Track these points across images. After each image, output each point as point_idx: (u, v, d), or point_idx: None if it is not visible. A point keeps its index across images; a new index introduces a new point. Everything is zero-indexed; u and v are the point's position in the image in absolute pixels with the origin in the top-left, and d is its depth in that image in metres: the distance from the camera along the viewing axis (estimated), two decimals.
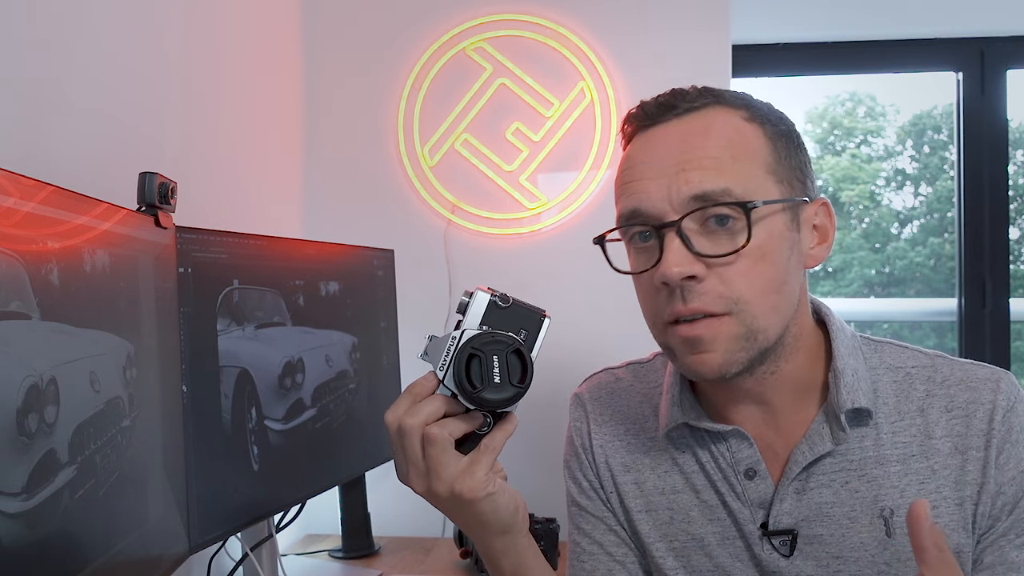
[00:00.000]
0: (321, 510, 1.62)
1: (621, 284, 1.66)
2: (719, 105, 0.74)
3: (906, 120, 2.61)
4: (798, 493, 0.76)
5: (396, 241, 1.65)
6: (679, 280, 0.69)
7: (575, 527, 0.90)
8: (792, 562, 0.76)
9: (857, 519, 0.75)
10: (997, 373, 0.77)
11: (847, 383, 0.75)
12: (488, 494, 0.66)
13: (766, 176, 0.72)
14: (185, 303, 0.98)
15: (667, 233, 0.70)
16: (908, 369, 0.79)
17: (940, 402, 0.76)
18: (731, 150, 0.71)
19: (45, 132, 0.95)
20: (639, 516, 0.84)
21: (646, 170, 0.73)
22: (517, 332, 0.67)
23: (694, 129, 0.72)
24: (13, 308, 0.61)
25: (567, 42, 1.69)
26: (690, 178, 0.70)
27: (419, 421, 0.65)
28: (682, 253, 0.69)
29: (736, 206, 0.69)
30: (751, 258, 0.70)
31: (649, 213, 0.72)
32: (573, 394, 0.93)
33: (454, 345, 0.65)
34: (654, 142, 0.74)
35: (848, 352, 0.77)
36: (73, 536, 0.69)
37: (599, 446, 0.88)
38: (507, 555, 0.73)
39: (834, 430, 0.75)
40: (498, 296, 0.68)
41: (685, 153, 0.71)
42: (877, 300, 2.63)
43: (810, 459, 0.75)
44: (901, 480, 0.75)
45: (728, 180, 0.70)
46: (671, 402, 0.82)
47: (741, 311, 0.70)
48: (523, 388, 0.65)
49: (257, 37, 1.57)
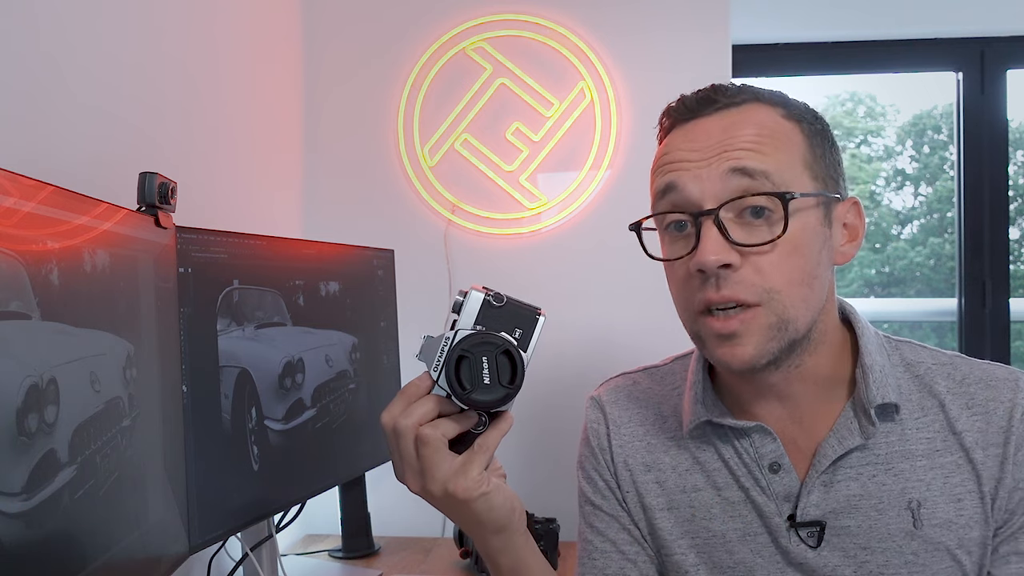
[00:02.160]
0: (321, 510, 1.62)
1: (621, 284, 1.67)
2: (758, 102, 0.76)
3: (906, 120, 2.60)
4: (825, 486, 0.78)
5: (396, 241, 1.65)
6: (715, 268, 0.70)
7: (588, 526, 0.90)
8: (819, 553, 0.77)
9: (885, 511, 0.76)
10: (1015, 373, 0.79)
11: (876, 379, 0.77)
12: (482, 493, 0.67)
13: (803, 170, 0.74)
14: (185, 303, 0.98)
15: (704, 221, 0.72)
16: (928, 365, 0.81)
17: (960, 400, 0.78)
18: (772, 141, 0.73)
19: (45, 132, 0.95)
20: (660, 515, 0.85)
21: (686, 155, 0.74)
22: (512, 331, 0.67)
23: (735, 121, 0.74)
24: (13, 308, 0.61)
25: (567, 42, 1.69)
26: (731, 156, 0.72)
27: (413, 422, 0.66)
28: (719, 241, 0.71)
29: (774, 196, 0.71)
30: (785, 249, 0.72)
31: (687, 198, 0.73)
32: (589, 396, 0.94)
33: (447, 346, 0.65)
34: (695, 133, 0.75)
35: (875, 349, 0.79)
36: (73, 536, 0.69)
37: (618, 447, 0.88)
38: (504, 553, 0.73)
39: (863, 424, 0.77)
40: (492, 295, 0.67)
41: (726, 141, 0.73)
42: (877, 300, 2.62)
43: (840, 452, 0.77)
44: (927, 474, 0.76)
45: (768, 164, 0.72)
46: (694, 399, 0.83)
47: (772, 300, 0.72)
48: (513, 389, 0.64)
49: (258, 37, 1.57)
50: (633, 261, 1.80)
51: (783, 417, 0.80)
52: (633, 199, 1.66)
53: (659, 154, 0.78)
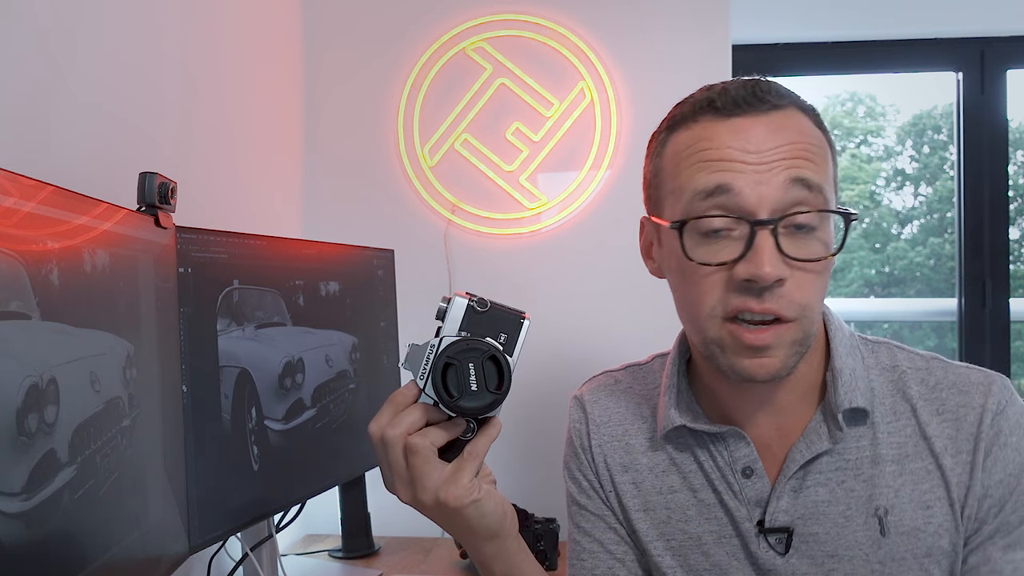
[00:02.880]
0: (321, 510, 1.62)
1: (621, 284, 1.67)
2: (797, 108, 0.73)
3: (906, 120, 2.61)
4: (795, 491, 0.77)
5: (396, 241, 1.65)
6: (770, 281, 0.68)
7: (575, 526, 0.90)
8: (787, 560, 0.76)
9: (852, 518, 0.75)
10: (990, 377, 0.77)
11: (844, 383, 0.76)
12: (473, 501, 0.66)
13: (832, 184, 0.73)
14: (185, 303, 0.98)
15: (760, 231, 0.68)
16: (904, 369, 0.79)
17: (932, 405, 0.77)
18: (819, 152, 0.72)
19: (45, 132, 0.95)
20: (637, 515, 0.84)
21: (739, 155, 0.70)
22: (496, 336, 0.66)
23: (783, 126, 0.71)
24: (13, 308, 0.61)
25: (567, 42, 1.69)
26: (791, 164, 0.69)
27: (401, 432, 0.65)
28: (776, 254, 0.68)
29: (841, 215, 0.71)
30: (825, 267, 0.72)
31: (741, 204, 0.69)
32: (573, 396, 0.94)
33: (432, 353, 0.65)
34: (746, 132, 0.70)
35: (846, 352, 0.78)
36: (73, 536, 0.69)
37: (598, 446, 0.88)
38: (497, 559, 0.73)
39: (831, 429, 0.76)
40: (476, 300, 0.67)
41: (782, 147, 0.70)
42: (877, 300, 2.63)
43: (807, 457, 0.76)
44: (896, 480, 0.75)
45: (821, 178, 0.71)
46: (668, 404, 0.82)
47: (804, 317, 0.71)
48: (500, 394, 0.64)
49: (258, 37, 1.57)
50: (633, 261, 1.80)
51: (762, 422, 0.79)
52: (633, 199, 1.65)
53: (694, 144, 0.72)
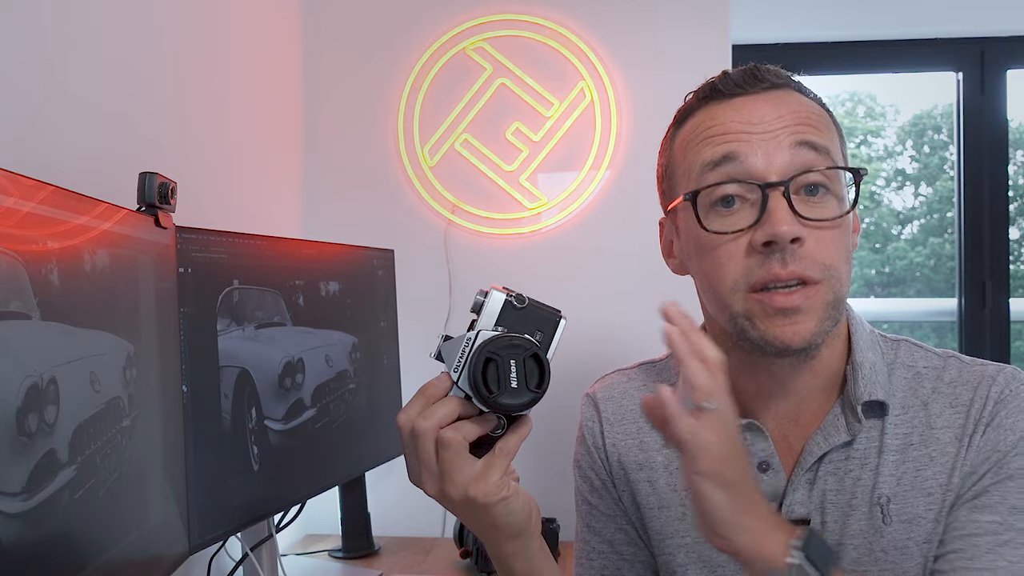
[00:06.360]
0: (321, 510, 1.62)
1: (622, 284, 1.67)
2: (795, 90, 0.77)
3: (906, 120, 2.60)
4: (810, 484, 0.77)
5: (396, 241, 1.65)
6: (788, 240, 0.69)
7: (585, 525, 0.90)
8: None
9: (856, 507, 0.76)
10: (1002, 368, 0.78)
11: (865, 375, 0.76)
12: (502, 498, 0.66)
13: (839, 151, 0.76)
14: (185, 303, 0.98)
15: (772, 193, 0.71)
16: (920, 368, 0.80)
17: (944, 399, 0.77)
18: (823, 122, 0.75)
19: (45, 132, 0.95)
20: (652, 513, 0.84)
21: (743, 126, 0.73)
22: (532, 333, 0.66)
23: (784, 101, 0.75)
24: (13, 308, 0.61)
25: (567, 42, 1.69)
26: (796, 129, 0.72)
27: (433, 424, 0.64)
28: (790, 214, 0.70)
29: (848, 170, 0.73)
30: (842, 227, 0.73)
31: (749, 170, 0.72)
32: (584, 394, 0.93)
33: (469, 347, 0.64)
34: (746, 107, 0.75)
35: (867, 346, 0.79)
36: (73, 536, 0.69)
37: (612, 445, 0.88)
38: (518, 558, 0.72)
39: (850, 422, 0.76)
40: (514, 296, 0.66)
41: (785, 116, 0.73)
42: (877, 300, 2.62)
43: (825, 450, 0.76)
44: (898, 468, 0.75)
45: (827, 142, 0.73)
46: None
47: (831, 278, 0.72)
48: (540, 392, 0.64)
49: (257, 37, 1.57)
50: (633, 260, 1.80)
51: (781, 414, 0.79)
52: (633, 199, 1.66)
53: (699, 126, 0.77)
